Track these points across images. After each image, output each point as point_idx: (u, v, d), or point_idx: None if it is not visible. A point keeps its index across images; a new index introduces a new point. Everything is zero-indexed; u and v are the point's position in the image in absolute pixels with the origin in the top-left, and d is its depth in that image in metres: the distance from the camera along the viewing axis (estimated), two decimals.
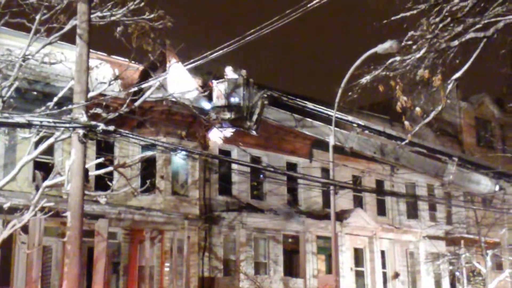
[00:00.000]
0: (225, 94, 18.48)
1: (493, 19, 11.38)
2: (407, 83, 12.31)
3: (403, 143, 16.96)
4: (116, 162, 20.35)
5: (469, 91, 38.58)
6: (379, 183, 31.61)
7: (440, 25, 11.72)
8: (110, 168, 18.01)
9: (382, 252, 30.38)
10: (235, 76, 18.69)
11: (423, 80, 12.09)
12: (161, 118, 23.60)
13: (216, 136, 24.20)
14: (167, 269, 22.89)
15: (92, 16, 12.73)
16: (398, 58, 12.62)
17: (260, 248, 26.59)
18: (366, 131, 18.65)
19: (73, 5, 13.62)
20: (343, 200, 27.26)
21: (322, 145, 22.58)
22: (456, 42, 11.81)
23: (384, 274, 30.29)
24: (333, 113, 18.20)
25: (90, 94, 14.64)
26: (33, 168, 20.18)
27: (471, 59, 11.68)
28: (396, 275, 30.71)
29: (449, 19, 11.71)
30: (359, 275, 29.36)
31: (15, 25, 15.85)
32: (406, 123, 12.60)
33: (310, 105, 18.65)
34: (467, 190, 20.59)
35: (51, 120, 11.39)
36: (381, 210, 31.93)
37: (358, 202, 30.66)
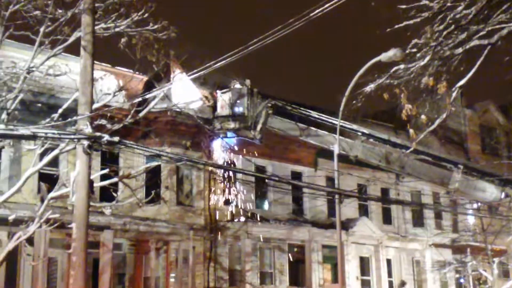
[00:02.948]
0: (229, 104, 18.50)
1: (497, 26, 11.35)
2: (411, 91, 12.26)
3: (408, 151, 16.92)
4: (121, 173, 20.32)
5: (474, 99, 38.56)
6: (385, 191, 31.50)
7: (444, 33, 11.68)
8: (115, 179, 18.00)
9: (388, 261, 30.25)
10: (239, 86, 18.73)
11: (428, 87, 12.05)
12: (166, 129, 23.60)
13: (221, 146, 24.21)
14: (172, 280, 22.82)
15: (96, 27, 12.76)
16: (402, 66, 12.58)
17: (266, 258, 26.50)
18: (371, 140, 18.64)
19: (77, 17, 13.65)
20: (348, 209, 27.18)
21: (327, 154, 22.49)
22: (460, 50, 11.77)
23: (390, 283, 30.14)
24: (337, 121, 18.17)
25: (95, 106, 14.68)
26: (38, 180, 20.18)
27: (476, 67, 11.64)
28: (403, 284, 30.55)
29: (453, 26, 11.68)
30: (365, 284, 29.22)
31: (20, 38, 15.92)
32: (411, 131, 12.56)
33: (314, 114, 18.65)
34: (473, 198, 20.52)
35: (56, 131, 11.40)
36: (387, 218, 31.81)
37: (364, 211, 30.56)
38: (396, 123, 31.29)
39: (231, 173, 24.88)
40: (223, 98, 19.16)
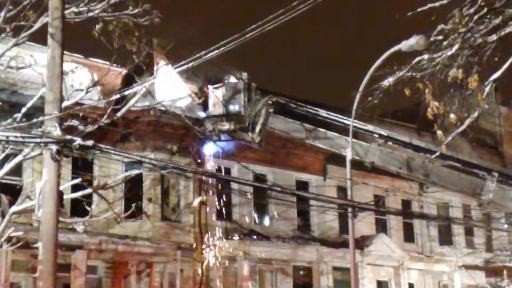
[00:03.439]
0: (223, 101, 18.52)
1: None
2: (437, 85, 12.29)
3: (434, 156, 16.94)
4: (95, 183, 20.31)
5: (510, 94, 38.61)
6: (406, 203, 31.50)
7: (475, 17, 11.72)
8: (88, 190, 17.96)
9: (411, 285, 30.25)
10: (235, 80, 18.75)
11: (456, 81, 12.07)
12: (148, 131, 23.61)
13: (213, 151, 24.21)
14: None
15: (66, 12, 12.77)
16: (426, 56, 12.61)
17: (267, 282, 26.48)
18: (390, 143, 18.65)
19: (43, 0, 13.66)
20: (363, 225, 27.18)
21: (338, 159, 22.54)
22: (494, 37, 11.80)
23: None
24: (350, 121, 18.18)
25: (65, 104, 14.64)
26: None
27: None
28: None
29: (485, 9, 11.71)
30: None
31: None
32: (439, 132, 12.58)
33: (323, 112, 18.67)
34: (510, 211, 20.54)
35: (18, 134, 11.40)
36: (409, 235, 31.81)
37: (381, 227, 30.56)
38: (419, 123, 31.33)
39: (225, 183, 24.86)
40: (216, 95, 19.19)
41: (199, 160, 24.76)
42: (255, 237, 26.08)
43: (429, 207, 31.36)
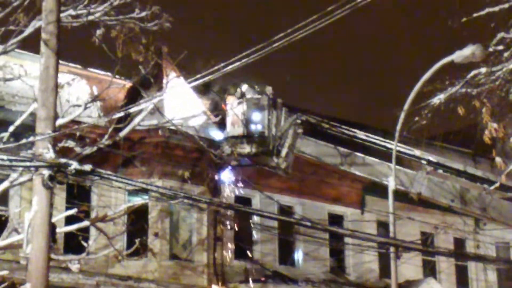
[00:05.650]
0: (244, 119, 18.55)
1: None
2: (496, 104, 12.27)
3: (493, 187, 16.86)
4: (93, 215, 20.39)
5: None
6: (459, 243, 31.28)
7: None
8: (85, 223, 18.05)
9: None
10: (257, 95, 18.79)
11: None
12: (156, 154, 23.69)
13: (231, 178, 24.24)
14: None
15: (62, 15, 12.91)
16: (483, 69, 12.60)
17: None
18: (440, 171, 18.58)
19: (36, 1, 13.81)
20: (408, 267, 26.99)
21: (378, 190, 22.46)
22: None
23: None
24: (393, 145, 18.14)
25: (59, 121, 14.79)
26: None
27: None
28: None
29: None
30: None
31: None
32: (498, 159, 12.53)
33: (361, 134, 18.64)
34: None
35: (5, 157, 11.47)
36: (462, 280, 31.59)
37: (430, 270, 30.37)
38: (475, 148, 31.13)
39: (245, 216, 24.85)
40: (235, 112, 19.22)
41: (215, 189, 24.80)
42: (279, 280, 25.99)
43: (486, 247, 31.11)
